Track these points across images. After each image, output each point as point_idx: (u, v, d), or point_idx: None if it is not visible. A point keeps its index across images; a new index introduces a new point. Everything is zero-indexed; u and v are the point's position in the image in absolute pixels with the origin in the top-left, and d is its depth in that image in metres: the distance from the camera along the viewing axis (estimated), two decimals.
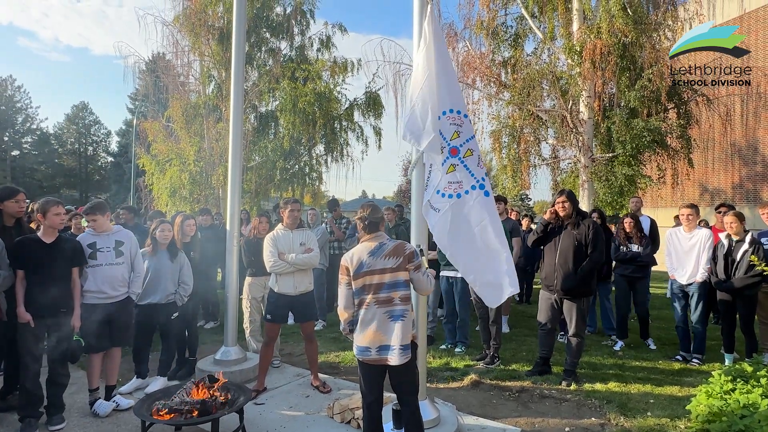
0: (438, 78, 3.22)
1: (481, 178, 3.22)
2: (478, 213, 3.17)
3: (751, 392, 3.35)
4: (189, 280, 4.44)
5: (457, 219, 3.18)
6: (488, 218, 3.19)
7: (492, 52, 11.20)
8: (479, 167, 3.24)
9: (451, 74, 3.39)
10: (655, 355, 5.27)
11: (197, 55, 12.70)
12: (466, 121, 3.30)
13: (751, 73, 9.33)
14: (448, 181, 3.20)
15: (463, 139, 3.23)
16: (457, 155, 3.20)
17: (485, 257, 3.21)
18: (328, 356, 5.27)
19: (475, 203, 3.17)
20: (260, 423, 3.59)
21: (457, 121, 3.24)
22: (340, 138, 12.77)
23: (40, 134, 42.60)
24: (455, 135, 3.23)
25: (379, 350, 2.67)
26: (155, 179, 12.46)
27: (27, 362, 3.40)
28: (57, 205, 3.55)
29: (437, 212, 3.23)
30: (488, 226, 3.18)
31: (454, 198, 3.18)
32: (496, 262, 3.21)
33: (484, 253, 3.21)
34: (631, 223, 5.68)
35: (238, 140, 4.76)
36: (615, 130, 9.40)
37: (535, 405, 3.99)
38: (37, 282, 3.42)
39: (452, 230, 3.19)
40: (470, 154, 3.22)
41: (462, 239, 3.19)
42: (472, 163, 3.22)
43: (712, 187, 15.75)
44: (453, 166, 3.20)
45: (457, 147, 3.21)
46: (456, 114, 3.25)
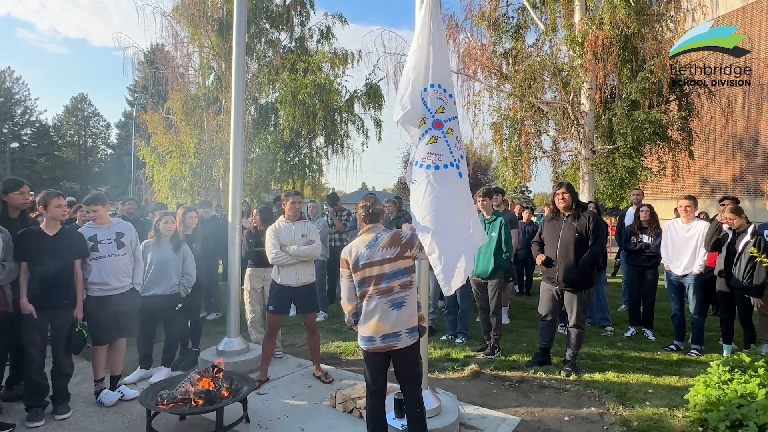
0: (430, 52, 3.17)
1: (456, 158, 3.13)
2: (450, 191, 3.07)
3: (748, 382, 3.39)
4: (192, 272, 4.47)
5: (432, 191, 3.04)
6: (459, 199, 3.10)
7: (493, 44, 11.16)
8: (457, 148, 3.16)
9: (444, 53, 3.32)
10: (653, 346, 5.31)
11: (196, 46, 12.64)
12: (451, 101, 3.23)
13: (751, 73, 9.31)
14: (428, 152, 3.09)
15: (447, 117, 3.17)
16: (440, 128, 3.13)
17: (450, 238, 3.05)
18: (329, 347, 5.31)
19: (450, 180, 3.08)
20: (263, 412, 3.63)
21: (443, 97, 3.18)
22: (341, 130, 12.76)
23: (39, 126, 42.45)
24: (440, 109, 3.15)
25: (383, 338, 2.71)
26: (155, 171, 12.46)
27: (31, 353, 3.44)
28: (58, 197, 3.57)
29: (415, 184, 3.12)
30: (458, 208, 3.10)
31: (432, 169, 3.06)
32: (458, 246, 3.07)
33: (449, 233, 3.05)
34: (647, 212, 5.71)
35: (240, 132, 4.75)
36: (616, 122, 9.39)
37: (534, 395, 4.03)
38: (40, 273, 3.45)
39: (426, 203, 3.04)
40: (451, 132, 3.16)
41: (433, 214, 3.03)
42: (451, 141, 3.15)
43: (712, 180, 15.75)
44: (435, 138, 3.10)
45: (441, 121, 3.14)
46: (442, 91, 3.19)
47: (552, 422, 3.51)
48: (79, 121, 45.48)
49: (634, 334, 5.74)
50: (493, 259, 4.92)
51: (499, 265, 4.96)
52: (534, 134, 11.06)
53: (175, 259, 4.35)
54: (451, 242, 3.03)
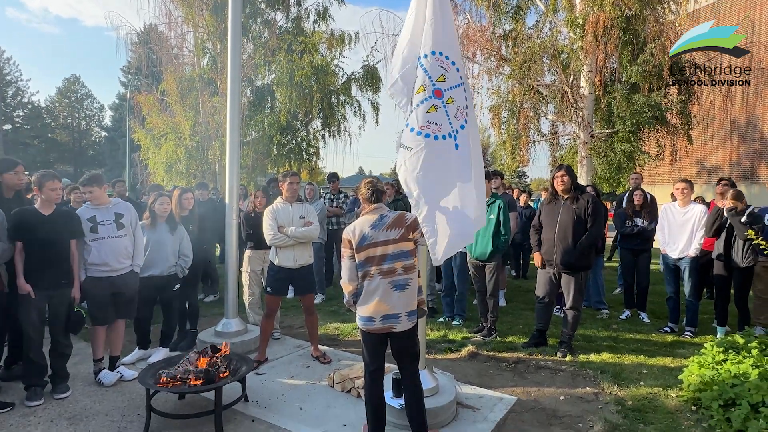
0: (432, 18, 3.08)
1: (455, 129, 3.06)
2: (445, 162, 3.02)
3: (742, 363, 3.44)
4: (189, 253, 4.46)
5: (429, 161, 2.98)
6: (455, 170, 3.03)
7: (493, 25, 10.99)
8: (456, 118, 3.08)
9: (449, 20, 3.22)
10: (648, 328, 5.37)
11: (191, 26, 12.39)
12: (454, 68, 3.13)
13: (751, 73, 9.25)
14: (428, 121, 3.01)
15: (448, 86, 3.08)
16: (440, 98, 3.04)
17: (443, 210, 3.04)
18: (327, 329, 5.34)
19: (446, 151, 3.03)
20: (262, 392, 3.66)
21: (444, 65, 3.09)
22: (338, 113, 12.63)
23: (31, 108, 41.82)
24: (441, 78, 3.06)
25: (383, 319, 2.71)
26: (151, 154, 12.34)
27: (29, 333, 3.44)
28: (53, 180, 3.52)
29: (408, 151, 3.03)
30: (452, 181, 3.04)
31: (431, 139, 3.00)
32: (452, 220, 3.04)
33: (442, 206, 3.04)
34: (641, 196, 5.72)
35: (236, 114, 4.69)
36: (615, 106, 9.33)
37: (531, 375, 4.08)
38: (36, 254, 3.43)
39: (422, 172, 2.98)
40: (451, 101, 3.07)
41: (429, 184, 3.00)
42: (451, 111, 3.07)
43: (709, 165, 15.76)
44: (435, 107, 3.02)
45: (442, 90, 3.05)
46: (444, 59, 3.10)
47: (548, 402, 3.56)
48: (72, 103, 44.82)
49: (629, 316, 5.79)
50: (492, 241, 4.92)
51: (498, 248, 4.96)
52: (533, 118, 10.99)
53: (171, 240, 4.33)
54: (444, 215, 3.01)
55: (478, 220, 3.22)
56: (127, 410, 3.37)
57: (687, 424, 3.19)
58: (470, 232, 3.24)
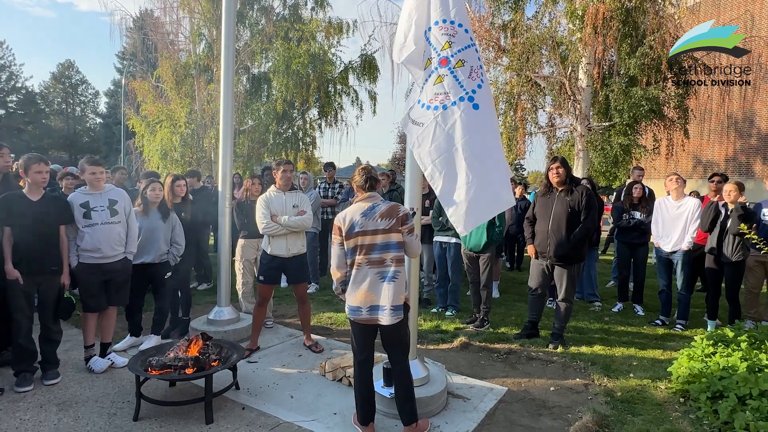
0: None
1: (471, 89, 2.95)
2: (462, 127, 2.92)
3: (731, 356, 3.46)
4: (181, 240, 4.43)
5: (441, 134, 2.94)
6: (475, 132, 2.91)
7: (492, 15, 10.91)
8: (471, 78, 2.98)
9: None
10: (640, 321, 5.40)
11: (186, 12, 12.24)
12: (461, 30, 3.04)
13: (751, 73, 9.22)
14: (435, 93, 2.98)
15: (455, 49, 2.99)
16: (447, 65, 2.97)
17: (470, 172, 2.92)
18: (320, 318, 5.34)
19: (462, 115, 2.92)
20: (253, 380, 3.67)
21: (449, 31, 3.02)
22: (335, 102, 12.53)
23: (25, 93, 41.31)
24: (446, 45, 3.00)
25: (370, 310, 2.69)
26: (146, 141, 12.23)
27: (18, 319, 3.41)
28: (39, 163, 3.45)
29: (420, 127, 3.00)
30: (474, 141, 2.92)
31: (440, 110, 2.95)
32: (484, 175, 2.93)
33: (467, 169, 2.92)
34: (640, 189, 5.72)
35: (229, 100, 4.64)
36: (613, 99, 9.31)
37: (522, 366, 4.10)
38: (25, 239, 3.38)
39: (434, 144, 2.94)
40: (461, 64, 2.98)
41: (443, 157, 2.94)
42: (462, 73, 2.97)
43: (705, 160, 15.79)
44: (441, 77, 2.97)
45: (448, 57, 2.98)
46: (449, 24, 3.03)
47: (538, 392, 3.58)
48: (66, 88, 44.32)
49: (621, 309, 5.82)
50: (486, 232, 4.92)
51: (492, 239, 4.96)
52: (530, 109, 10.96)
53: (163, 227, 4.29)
54: (465, 184, 2.90)
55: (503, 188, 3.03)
56: (118, 397, 3.37)
57: (675, 415, 3.22)
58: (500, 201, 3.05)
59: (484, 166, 2.95)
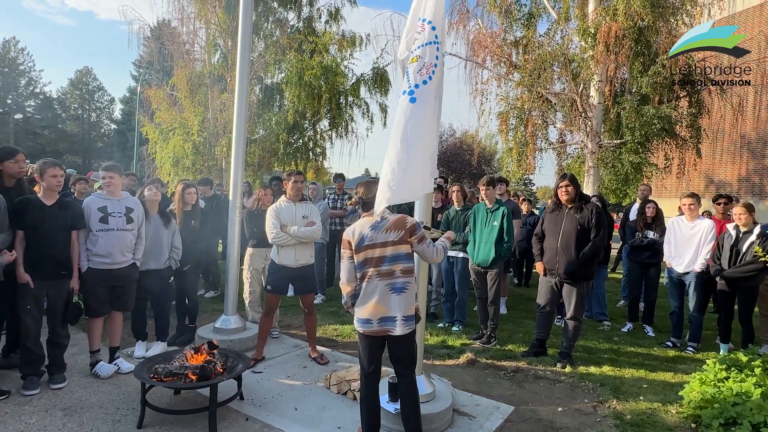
0: None
1: (414, 84, 3.02)
2: (399, 118, 2.99)
3: (744, 381, 3.38)
4: (179, 244, 4.47)
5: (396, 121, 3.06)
6: (408, 122, 2.96)
7: (504, 32, 10.98)
8: (419, 74, 3.04)
9: None
10: (650, 342, 5.31)
11: (203, 22, 12.44)
12: (428, 27, 3.12)
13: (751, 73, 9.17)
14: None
15: (417, 45, 3.11)
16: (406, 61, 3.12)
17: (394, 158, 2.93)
18: (326, 330, 5.32)
19: (399, 108, 3.02)
20: (258, 390, 3.65)
21: (419, 28, 3.14)
22: (345, 113, 12.61)
23: (43, 98, 42.22)
24: (414, 42, 3.14)
25: (380, 322, 2.68)
26: (158, 148, 12.38)
27: (27, 322, 3.44)
28: (54, 167, 3.52)
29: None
30: (405, 130, 2.95)
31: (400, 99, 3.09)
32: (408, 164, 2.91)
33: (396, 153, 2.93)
34: (654, 209, 5.67)
35: (243, 110, 4.69)
36: (625, 116, 9.27)
37: (529, 385, 4.04)
38: (37, 243, 3.43)
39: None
40: (416, 60, 3.07)
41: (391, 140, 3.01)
42: (413, 68, 3.06)
43: (717, 179, 15.63)
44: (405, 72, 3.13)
45: (410, 54, 3.13)
46: (421, 22, 3.14)
47: (545, 413, 3.52)
48: (83, 94, 45.23)
49: (631, 329, 5.73)
50: (494, 248, 4.89)
51: (500, 255, 4.93)
52: (541, 125, 10.94)
53: (166, 233, 4.35)
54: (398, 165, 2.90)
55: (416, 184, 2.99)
56: (122, 403, 3.36)
57: None
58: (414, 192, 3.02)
59: (408, 155, 2.92)
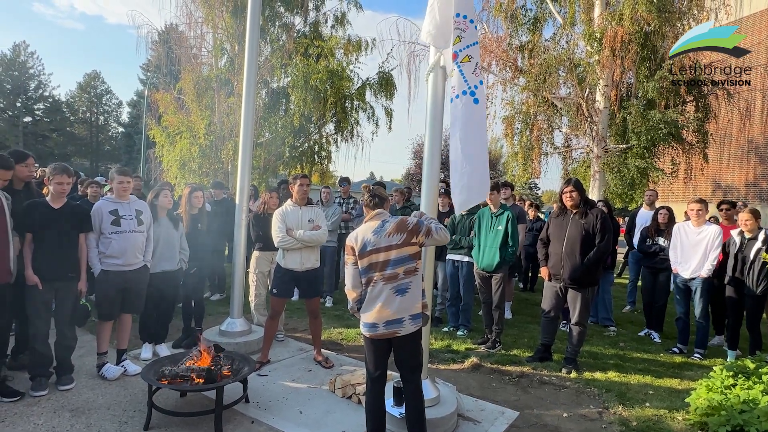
0: None
1: (473, 85, 3.14)
2: (461, 119, 3.11)
3: (752, 388, 3.36)
4: (186, 246, 4.54)
5: (455, 123, 3.15)
6: (469, 126, 3.12)
7: (509, 36, 10.99)
8: (474, 75, 3.17)
9: None
10: (656, 348, 5.28)
11: (210, 27, 12.56)
12: (471, 26, 3.20)
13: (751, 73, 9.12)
14: (451, 86, 3.18)
15: (464, 45, 3.15)
16: (456, 60, 3.13)
17: (464, 161, 3.13)
18: (331, 333, 5.33)
19: (463, 109, 3.11)
20: (263, 393, 3.66)
21: (461, 25, 3.16)
22: (351, 117, 12.66)
23: (52, 101, 42.68)
24: (457, 40, 3.15)
25: (387, 324, 2.70)
26: (165, 151, 12.48)
27: (35, 324, 3.48)
28: (62, 174, 3.53)
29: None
30: (467, 134, 3.12)
31: (450, 102, 3.17)
32: (463, 170, 3.13)
33: (462, 158, 3.14)
34: (666, 215, 5.64)
35: (250, 114, 4.73)
36: (631, 121, 9.24)
37: (534, 390, 4.03)
38: (45, 246, 3.47)
39: (449, 132, 3.21)
40: (467, 60, 3.13)
41: (454, 143, 3.15)
42: (468, 69, 3.14)
43: (725, 184, 15.51)
44: (452, 71, 3.16)
45: (457, 52, 3.14)
46: (462, 19, 3.17)
47: (550, 418, 3.51)
48: (91, 98, 45.74)
49: (648, 334, 5.69)
50: (499, 252, 4.89)
51: (505, 259, 4.93)
52: (546, 130, 10.92)
53: (177, 235, 4.41)
54: (464, 169, 3.11)
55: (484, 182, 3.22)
56: (129, 405, 3.39)
57: None
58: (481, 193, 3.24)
59: (476, 157, 3.14)
